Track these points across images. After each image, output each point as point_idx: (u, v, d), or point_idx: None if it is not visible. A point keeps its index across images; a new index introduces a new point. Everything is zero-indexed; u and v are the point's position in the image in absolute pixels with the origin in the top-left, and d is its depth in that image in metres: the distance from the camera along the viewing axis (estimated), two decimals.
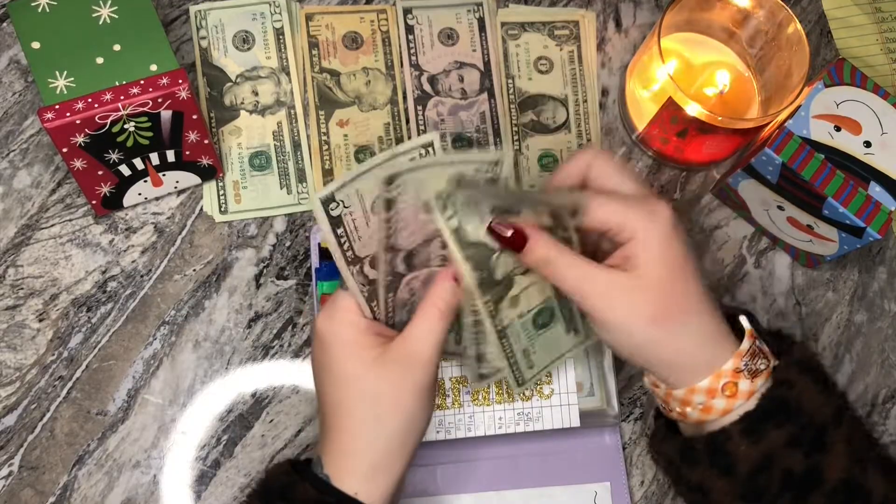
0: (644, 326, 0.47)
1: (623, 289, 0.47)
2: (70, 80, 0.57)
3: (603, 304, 0.47)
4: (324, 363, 0.49)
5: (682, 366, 0.48)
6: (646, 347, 0.48)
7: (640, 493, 0.61)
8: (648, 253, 0.47)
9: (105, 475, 0.58)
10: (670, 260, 0.47)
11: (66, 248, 0.62)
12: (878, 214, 0.58)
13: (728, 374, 0.47)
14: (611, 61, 0.70)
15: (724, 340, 0.48)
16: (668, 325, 0.47)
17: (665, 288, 0.47)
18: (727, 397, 0.47)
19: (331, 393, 0.48)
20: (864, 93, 0.61)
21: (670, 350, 0.47)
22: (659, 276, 0.47)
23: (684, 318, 0.47)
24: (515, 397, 0.59)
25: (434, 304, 0.48)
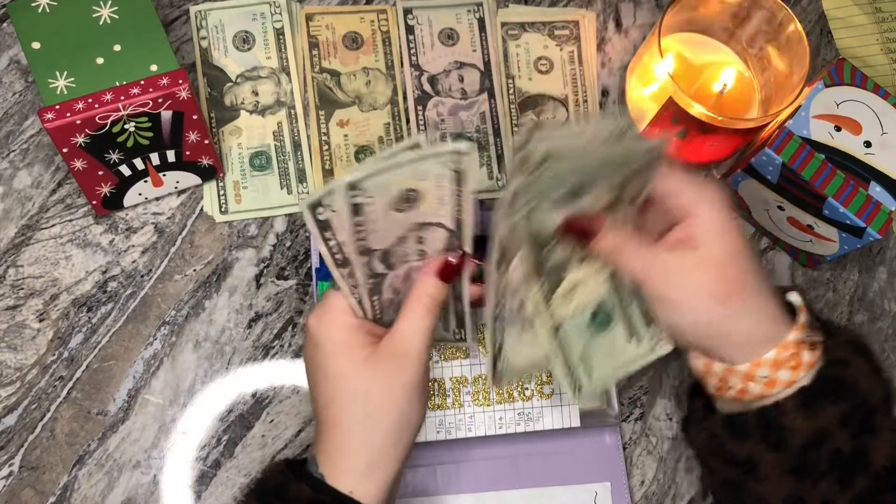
0: (712, 304, 0.47)
1: (689, 268, 0.48)
2: (70, 81, 0.57)
3: (670, 283, 0.48)
4: (316, 362, 0.49)
5: (745, 341, 0.48)
6: (712, 325, 0.48)
7: (640, 493, 0.61)
8: (712, 231, 0.48)
9: (105, 475, 0.58)
10: (732, 238, 0.48)
11: (67, 248, 0.62)
12: (878, 214, 0.58)
13: (792, 346, 0.48)
14: (611, 61, 0.70)
15: (782, 316, 0.49)
16: (733, 302, 0.47)
17: (729, 266, 0.47)
18: (792, 369, 0.48)
19: (323, 392, 0.49)
20: (865, 93, 0.61)
21: (734, 326, 0.48)
22: (723, 253, 0.47)
23: (747, 294, 0.48)
24: (515, 397, 0.59)
25: (419, 300, 0.49)
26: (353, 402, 0.47)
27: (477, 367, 0.60)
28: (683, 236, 0.48)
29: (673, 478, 0.62)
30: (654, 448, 0.62)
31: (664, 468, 0.62)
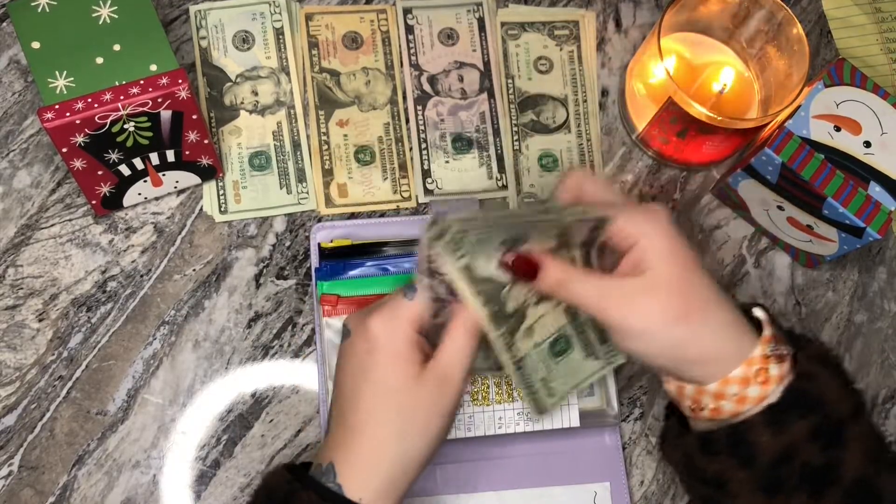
0: (668, 327, 0.47)
1: (640, 293, 0.47)
2: (70, 80, 0.57)
3: (623, 312, 0.47)
4: (365, 366, 0.47)
5: (710, 360, 0.48)
6: (673, 348, 0.47)
7: (639, 492, 0.61)
8: (656, 252, 0.47)
9: (105, 475, 0.58)
10: (679, 256, 0.47)
11: (66, 247, 0.62)
12: (877, 214, 0.58)
13: (758, 361, 0.47)
14: (611, 61, 0.70)
15: (746, 330, 0.48)
16: (690, 322, 0.47)
17: (681, 284, 0.47)
18: (761, 384, 0.47)
19: (364, 398, 0.47)
20: (864, 93, 0.61)
21: (697, 346, 0.47)
22: (671, 273, 0.47)
23: (705, 312, 0.47)
24: (515, 397, 0.59)
25: (464, 324, 0.48)
26: (396, 419, 0.46)
27: None
28: (632, 263, 0.48)
29: (673, 478, 0.62)
30: (653, 448, 0.62)
31: (664, 468, 0.62)
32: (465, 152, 0.66)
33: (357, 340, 0.48)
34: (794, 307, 0.66)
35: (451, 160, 0.66)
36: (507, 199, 0.66)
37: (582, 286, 0.48)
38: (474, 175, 0.66)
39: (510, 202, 0.66)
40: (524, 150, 0.67)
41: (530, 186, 0.66)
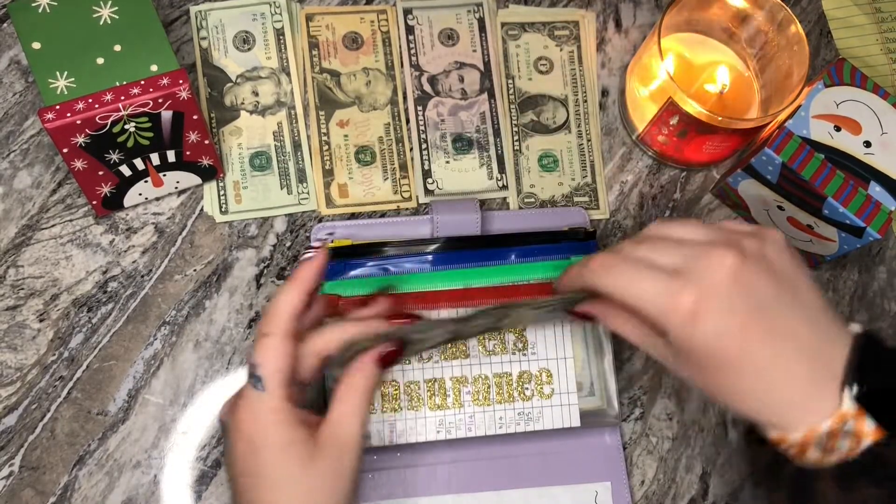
0: (713, 392, 0.45)
1: (674, 362, 0.47)
2: (70, 81, 0.57)
3: (665, 364, 0.48)
4: (250, 468, 0.45)
5: (787, 403, 0.44)
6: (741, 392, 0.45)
7: (640, 492, 0.61)
8: (677, 345, 0.45)
9: (106, 475, 0.58)
10: (702, 355, 0.44)
11: (67, 248, 0.62)
12: (877, 214, 0.58)
13: (793, 443, 0.43)
14: (611, 61, 0.70)
15: (819, 393, 0.43)
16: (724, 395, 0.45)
17: (708, 371, 0.45)
18: (853, 438, 0.42)
19: (261, 498, 0.45)
20: (864, 93, 0.61)
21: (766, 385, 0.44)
22: (694, 365, 0.45)
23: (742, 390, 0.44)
24: (515, 397, 0.59)
25: (356, 385, 0.48)
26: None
27: (477, 366, 0.60)
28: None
29: (673, 477, 0.62)
30: (654, 448, 0.62)
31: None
32: (466, 152, 0.66)
33: (236, 443, 0.46)
34: None
35: (452, 160, 0.66)
36: (508, 200, 0.66)
37: (624, 323, 0.49)
38: (475, 175, 0.66)
39: (510, 204, 0.66)
40: (524, 151, 0.67)
41: (531, 187, 0.66)
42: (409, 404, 0.59)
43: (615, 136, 0.69)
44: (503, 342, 0.60)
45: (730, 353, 0.43)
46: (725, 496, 0.62)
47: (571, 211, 0.65)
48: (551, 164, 0.67)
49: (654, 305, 0.44)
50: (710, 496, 0.62)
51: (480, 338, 0.60)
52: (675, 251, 0.45)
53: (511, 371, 0.60)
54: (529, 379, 0.60)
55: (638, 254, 0.46)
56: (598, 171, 0.67)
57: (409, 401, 0.59)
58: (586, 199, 0.66)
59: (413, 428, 0.58)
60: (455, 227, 0.63)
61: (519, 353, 0.60)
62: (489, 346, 0.60)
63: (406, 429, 0.58)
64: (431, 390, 0.59)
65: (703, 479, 0.62)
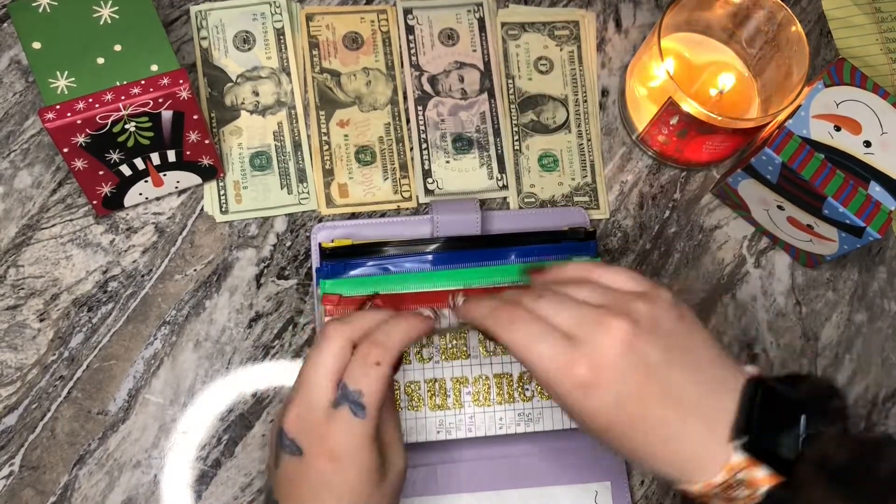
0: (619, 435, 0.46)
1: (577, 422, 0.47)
2: (71, 81, 0.57)
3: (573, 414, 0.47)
4: (332, 484, 0.46)
5: (681, 459, 0.45)
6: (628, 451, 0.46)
7: (640, 492, 0.62)
8: (570, 408, 0.46)
9: (106, 475, 0.58)
10: (598, 419, 0.45)
11: (67, 248, 0.62)
12: (877, 214, 0.58)
13: (698, 491, 0.44)
14: (611, 61, 0.70)
15: (710, 449, 0.44)
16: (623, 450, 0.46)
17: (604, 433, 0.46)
18: (747, 486, 0.43)
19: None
20: (864, 93, 0.61)
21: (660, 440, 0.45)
22: (592, 428, 0.46)
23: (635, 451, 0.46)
24: (516, 398, 0.59)
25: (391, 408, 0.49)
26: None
27: (478, 367, 0.60)
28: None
29: None
30: None
31: None
32: (466, 152, 0.66)
33: (316, 460, 0.46)
34: (795, 307, 0.66)
35: (452, 160, 0.66)
36: (508, 200, 0.66)
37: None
38: (475, 175, 0.66)
39: (510, 204, 0.66)
40: (524, 150, 0.67)
41: (531, 186, 0.66)
42: (410, 404, 0.59)
43: (615, 136, 0.69)
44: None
45: (634, 417, 0.45)
46: None
47: (571, 211, 0.65)
48: (551, 163, 0.67)
49: (548, 372, 0.45)
50: None
51: (481, 338, 0.60)
52: (572, 311, 0.46)
53: (511, 371, 0.60)
54: (530, 380, 0.60)
55: (539, 310, 0.47)
56: (598, 171, 0.67)
57: (409, 401, 0.59)
58: (586, 198, 0.66)
59: (413, 428, 0.58)
60: (455, 227, 0.63)
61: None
62: (489, 346, 0.60)
63: (406, 429, 0.58)
64: (432, 390, 0.59)
65: None
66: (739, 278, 0.67)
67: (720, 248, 0.67)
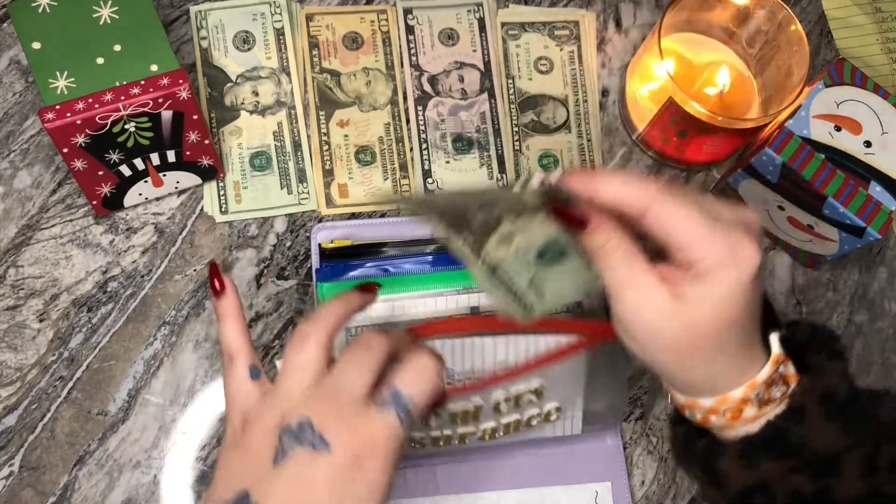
0: (670, 356, 0.43)
1: (663, 315, 0.42)
2: (70, 81, 0.57)
3: (635, 316, 0.43)
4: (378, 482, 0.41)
5: (711, 382, 0.44)
6: (665, 369, 0.45)
7: (640, 492, 0.61)
8: (709, 304, 0.42)
9: (106, 475, 0.58)
10: (729, 319, 0.42)
11: (67, 248, 0.62)
12: (878, 214, 0.58)
13: (731, 402, 0.44)
14: (611, 61, 0.70)
15: (758, 352, 0.44)
16: (694, 363, 0.43)
17: (708, 338, 0.42)
18: (729, 420, 0.44)
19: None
20: (865, 93, 0.61)
21: (691, 375, 0.44)
22: (707, 330, 0.42)
23: (715, 356, 0.43)
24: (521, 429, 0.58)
25: None
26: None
27: (489, 422, 0.58)
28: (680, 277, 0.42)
29: (673, 478, 0.62)
30: (654, 448, 0.62)
31: (664, 468, 0.62)
32: (466, 152, 0.66)
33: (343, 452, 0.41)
34: (795, 307, 0.66)
35: (452, 160, 0.66)
36: None
37: (620, 266, 0.43)
38: (475, 175, 0.66)
39: None
40: (525, 151, 0.67)
41: None
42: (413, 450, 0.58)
43: (615, 136, 0.69)
44: (519, 409, 0.57)
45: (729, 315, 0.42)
46: None
47: None
48: (551, 164, 0.67)
49: (713, 245, 0.41)
50: None
51: (496, 406, 0.57)
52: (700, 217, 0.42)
53: (522, 417, 0.58)
54: (540, 416, 0.59)
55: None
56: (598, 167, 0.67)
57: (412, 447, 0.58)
58: None
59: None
60: None
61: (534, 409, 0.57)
62: (503, 408, 0.57)
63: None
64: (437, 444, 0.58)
65: None
66: None
67: None
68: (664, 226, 0.42)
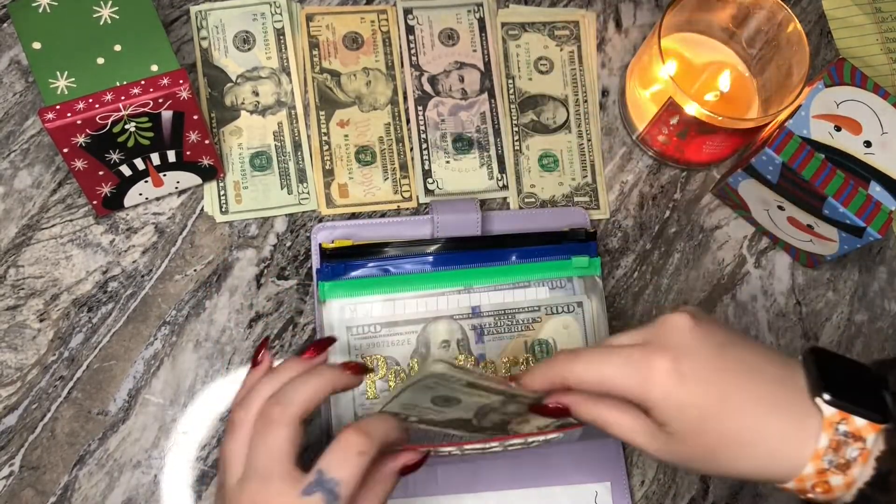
0: (708, 467, 0.44)
1: (662, 444, 0.45)
2: (71, 81, 0.57)
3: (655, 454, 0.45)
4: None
5: (769, 476, 0.43)
6: (724, 475, 0.45)
7: (640, 492, 0.61)
8: (673, 415, 0.44)
9: (106, 475, 0.58)
10: (701, 416, 0.43)
11: (67, 248, 0.62)
12: (878, 214, 0.58)
13: (812, 477, 0.42)
14: (611, 61, 0.70)
15: (798, 424, 0.42)
16: (729, 460, 0.44)
17: (709, 437, 0.43)
18: (824, 493, 0.42)
19: None
20: (864, 93, 0.61)
21: (741, 470, 0.44)
22: (685, 430, 0.44)
23: (733, 446, 0.43)
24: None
25: (375, 495, 0.46)
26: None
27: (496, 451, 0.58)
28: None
29: (673, 478, 0.62)
30: None
31: (664, 468, 0.62)
32: (466, 152, 0.66)
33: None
34: (795, 307, 0.66)
35: (452, 160, 0.66)
36: (508, 200, 0.66)
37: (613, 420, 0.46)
38: (475, 175, 0.66)
39: (510, 204, 0.66)
40: (525, 151, 0.67)
41: (531, 187, 0.66)
42: None
43: (615, 136, 0.69)
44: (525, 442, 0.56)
45: (711, 399, 0.43)
46: (726, 497, 0.62)
47: (572, 211, 0.65)
48: (551, 164, 0.67)
49: (629, 378, 0.44)
50: (710, 496, 0.62)
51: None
52: (630, 334, 0.46)
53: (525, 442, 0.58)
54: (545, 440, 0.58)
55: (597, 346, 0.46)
56: (598, 171, 0.67)
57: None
58: (586, 199, 0.66)
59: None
60: (455, 228, 0.63)
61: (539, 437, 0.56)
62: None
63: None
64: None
65: (703, 480, 0.62)
66: (740, 278, 0.67)
67: (720, 248, 0.67)
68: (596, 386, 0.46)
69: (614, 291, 0.65)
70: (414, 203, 0.65)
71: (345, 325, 0.60)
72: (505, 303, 0.61)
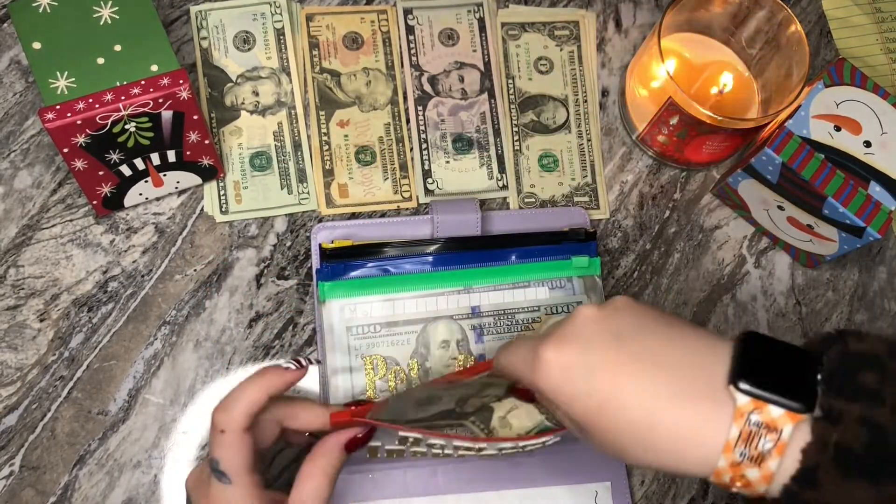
0: (619, 457, 0.43)
1: (579, 433, 0.45)
2: (71, 81, 0.57)
3: (581, 441, 0.46)
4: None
5: (680, 445, 0.40)
6: (635, 464, 0.46)
7: (640, 492, 0.62)
8: (562, 406, 0.44)
9: (106, 475, 0.58)
10: (583, 400, 0.42)
11: (67, 248, 0.62)
12: (878, 214, 0.58)
13: (727, 471, 0.39)
14: (611, 61, 0.70)
15: (706, 416, 0.40)
16: (626, 447, 0.42)
17: (599, 425, 0.42)
18: (745, 487, 0.40)
19: None
20: (864, 93, 0.61)
21: (649, 458, 0.41)
22: (585, 422, 0.42)
23: (632, 427, 0.41)
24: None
25: (322, 469, 0.48)
26: None
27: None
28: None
29: (673, 478, 0.62)
30: None
31: None
32: (466, 152, 0.66)
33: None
34: (795, 307, 0.67)
35: (452, 160, 0.66)
36: (508, 200, 0.66)
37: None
38: (475, 175, 0.66)
39: (510, 204, 0.66)
40: (525, 151, 0.67)
41: (531, 187, 0.66)
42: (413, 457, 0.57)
43: (615, 136, 0.69)
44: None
45: (601, 391, 0.41)
46: (725, 497, 0.62)
47: (571, 211, 0.65)
48: (551, 164, 0.67)
49: (526, 370, 0.44)
50: (710, 496, 0.62)
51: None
52: (557, 323, 0.46)
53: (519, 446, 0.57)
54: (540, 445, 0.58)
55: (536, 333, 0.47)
56: (598, 171, 0.67)
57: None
58: (586, 199, 0.66)
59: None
60: (455, 228, 0.63)
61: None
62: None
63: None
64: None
65: (703, 480, 0.62)
66: (739, 278, 0.67)
67: (720, 248, 0.67)
68: (510, 375, 0.48)
69: (614, 291, 0.65)
70: (414, 203, 0.65)
71: (345, 325, 0.60)
72: (505, 303, 0.61)
